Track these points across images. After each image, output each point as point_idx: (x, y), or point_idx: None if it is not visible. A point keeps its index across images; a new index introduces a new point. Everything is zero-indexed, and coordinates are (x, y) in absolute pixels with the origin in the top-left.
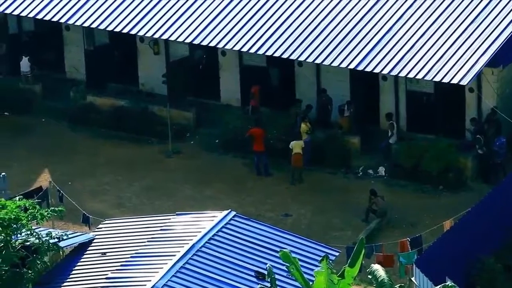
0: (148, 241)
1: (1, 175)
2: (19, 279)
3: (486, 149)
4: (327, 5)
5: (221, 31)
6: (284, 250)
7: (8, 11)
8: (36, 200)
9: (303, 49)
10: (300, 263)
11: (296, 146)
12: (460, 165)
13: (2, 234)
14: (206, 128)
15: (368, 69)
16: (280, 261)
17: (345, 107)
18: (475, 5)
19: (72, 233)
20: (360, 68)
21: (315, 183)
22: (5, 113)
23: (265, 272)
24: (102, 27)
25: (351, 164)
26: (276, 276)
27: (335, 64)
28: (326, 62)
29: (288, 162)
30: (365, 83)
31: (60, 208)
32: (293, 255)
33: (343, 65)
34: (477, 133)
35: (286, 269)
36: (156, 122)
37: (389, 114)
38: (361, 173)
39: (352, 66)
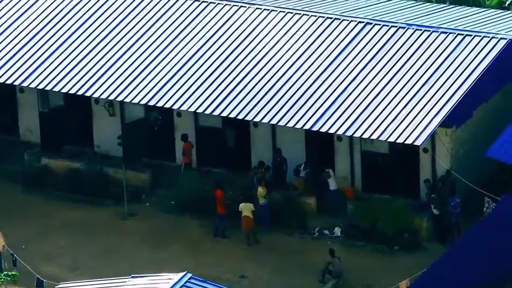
0: None
1: None
2: None
3: (441, 210)
4: (282, 66)
5: (176, 92)
6: None
7: None
8: None
9: (258, 110)
10: None
11: (245, 208)
12: (415, 225)
13: None
14: (162, 190)
15: (323, 129)
16: None
17: (301, 167)
18: (428, 66)
19: None
20: (315, 128)
21: (272, 244)
22: None
23: None
24: (56, 89)
25: (307, 224)
26: None
27: (290, 124)
28: (282, 123)
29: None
30: (320, 144)
31: (13, 273)
32: None
33: (298, 125)
34: (431, 194)
35: None
36: (111, 184)
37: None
38: (317, 234)
39: (307, 126)
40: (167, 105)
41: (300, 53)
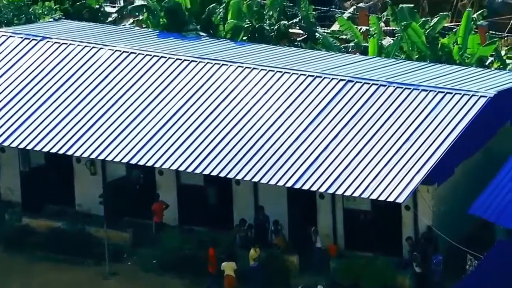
0: None
1: None
2: None
3: (423, 267)
4: (264, 123)
5: (158, 151)
6: None
7: None
8: None
9: (240, 168)
10: None
11: (227, 267)
12: (398, 283)
13: None
14: (144, 248)
15: (305, 187)
16: None
17: (277, 226)
18: (410, 124)
19: None
20: (297, 186)
21: None
22: None
23: None
24: (38, 148)
25: (290, 282)
26: None
27: (272, 182)
28: (264, 181)
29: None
30: (302, 201)
31: None
32: None
33: (280, 183)
34: (414, 251)
35: None
36: (93, 243)
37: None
38: None
39: (289, 184)
40: (149, 164)
41: (282, 111)
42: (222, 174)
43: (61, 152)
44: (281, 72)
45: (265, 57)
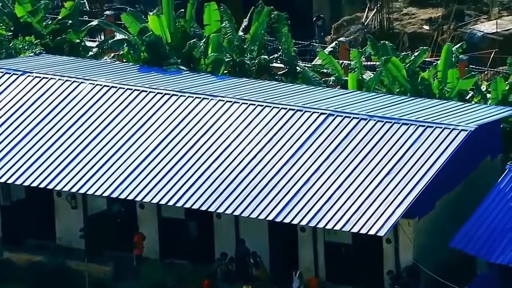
0: None
1: None
2: None
3: None
4: (245, 157)
5: (139, 184)
6: None
7: None
8: None
9: (221, 201)
10: None
11: None
12: None
13: None
14: (125, 282)
15: (286, 220)
16: None
17: (256, 258)
18: (390, 157)
19: None
20: (278, 219)
21: None
22: None
23: None
24: (18, 182)
25: None
26: None
27: (253, 215)
28: (245, 214)
29: None
30: (283, 234)
31: None
32: None
33: (262, 216)
34: (395, 285)
35: None
36: (74, 277)
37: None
38: None
39: (270, 217)
40: (130, 197)
41: (263, 144)
42: (203, 208)
43: (41, 186)
44: (262, 106)
45: (246, 91)
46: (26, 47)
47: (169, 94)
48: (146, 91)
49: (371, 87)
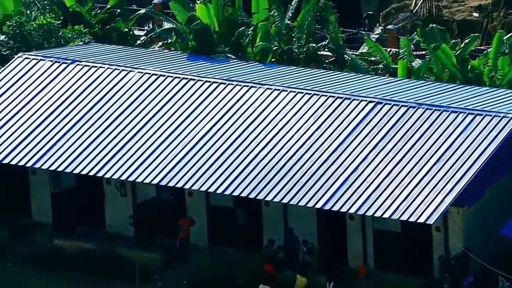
0: None
1: None
2: None
3: None
4: (293, 145)
5: (187, 172)
6: None
7: None
8: None
9: (270, 189)
10: None
11: None
12: None
13: None
14: (174, 269)
15: (335, 208)
16: None
17: (308, 245)
18: (440, 145)
19: None
20: (326, 207)
21: None
22: None
23: None
24: (68, 170)
25: None
26: None
27: (301, 203)
28: (293, 202)
29: None
30: (332, 222)
31: None
32: None
33: (310, 204)
34: (444, 273)
35: None
36: (123, 264)
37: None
38: None
39: (318, 205)
40: (179, 185)
41: (311, 132)
42: (251, 196)
43: (91, 174)
44: (310, 94)
45: (294, 79)
46: (75, 36)
47: (217, 82)
48: (194, 80)
49: (420, 75)
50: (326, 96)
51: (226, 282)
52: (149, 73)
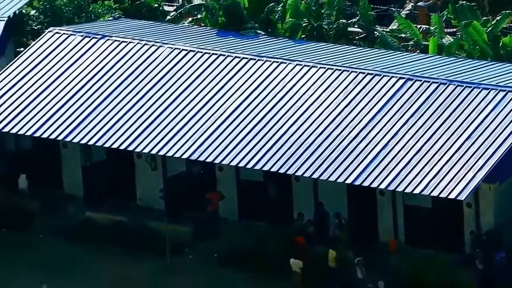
0: None
1: None
2: None
3: (485, 264)
4: (323, 120)
5: (218, 147)
6: None
7: (5, 129)
8: None
9: (300, 164)
10: None
11: (294, 265)
12: (459, 280)
13: None
14: (205, 243)
15: (365, 184)
16: None
17: (340, 219)
18: (471, 121)
19: None
20: (357, 183)
21: None
22: (3, 230)
23: None
24: (99, 144)
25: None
26: None
27: (332, 179)
28: (323, 177)
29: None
30: (362, 197)
31: None
32: None
33: (340, 180)
34: (476, 248)
35: None
36: (154, 237)
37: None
38: None
39: (349, 181)
40: (209, 160)
41: (341, 108)
42: (281, 170)
43: (121, 147)
44: (340, 70)
45: (324, 55)
46: (105, 12)
47: (247, 58)
48: (224, 55)
49: (451, 52)
50: (356, 72)
51: (257, 256)
52: (179, 49)
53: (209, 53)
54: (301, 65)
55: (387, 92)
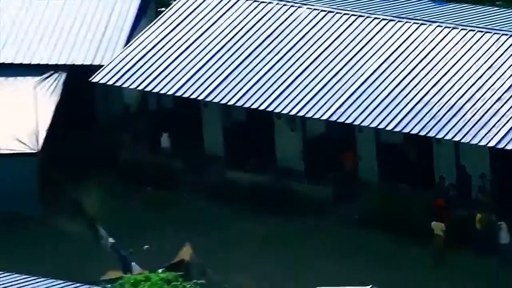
0: None
1: (145, 248)
2: None
3: None
4: (465, 83)
5: (357, 108)
6: None
7: (148, 89)
8: (179, 273)
9: (441, 126)
10: None
11: (436, 227)
12: None
13: None
14: (345, 204)
15: (509, 147)
16: None
17: (483, 181)
18: None
19: None
20: (500, 146)
21: (458, 264)
22: (148, 188)
23: None
24: (239, 104)
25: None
26: None
27: (473, 142)
28: (465, 140)
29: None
30: (506, 160)
31: (201, 281)
32: None
33: (482, 143)
34: None
35: None
36: (294, 198)
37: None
38: None
39: (491, 144)
40: (348, 121)
41: (483, 71)
42: (422, 133)
43: (261, 108)
44: (482, 32)
45: (464, 17)
46: None
47: (386, 19)
48: (363, 16)
49: None
50: (499, 34)
51: (398, 218)
52: (318, 10)
53: (348, 14)
54: (441, 26)
55: None
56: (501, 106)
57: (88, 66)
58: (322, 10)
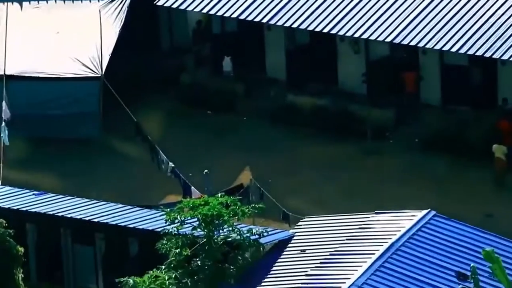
0: (347, 239)
1: (205, 172)
2: (222, 274)
3: None
4: None
5: (421, 30)
6: (487, 249)
7: (212, 12)
8: (238, 197)
9: (507, 48)
10: (504, 265)
11: (498, 150)
12: None
13: (205, 230)
14: (406, 127)
15: None
16: (481, 262)
17: None
18: None
19: (272, 230)
20: None
21: None
22: (208, 112)
23: (467, 273)
24: (303, 27)
25: None
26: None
27: None
28: None
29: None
30: None
31: (260, 205)
32: (496, 256)
33: None
34: None
35: (489, 270)
36: (355, 121)
37: None
38: None
39: None
40: (412, 43)
41: None
42: (486, 55)
43: (325, 31)
44: None
45: None
46: None
47: None
48: None
49: None
50: None
51: (459, 141)
52: None
53: None
54: None
55: None
56: None
57: None
58: None
